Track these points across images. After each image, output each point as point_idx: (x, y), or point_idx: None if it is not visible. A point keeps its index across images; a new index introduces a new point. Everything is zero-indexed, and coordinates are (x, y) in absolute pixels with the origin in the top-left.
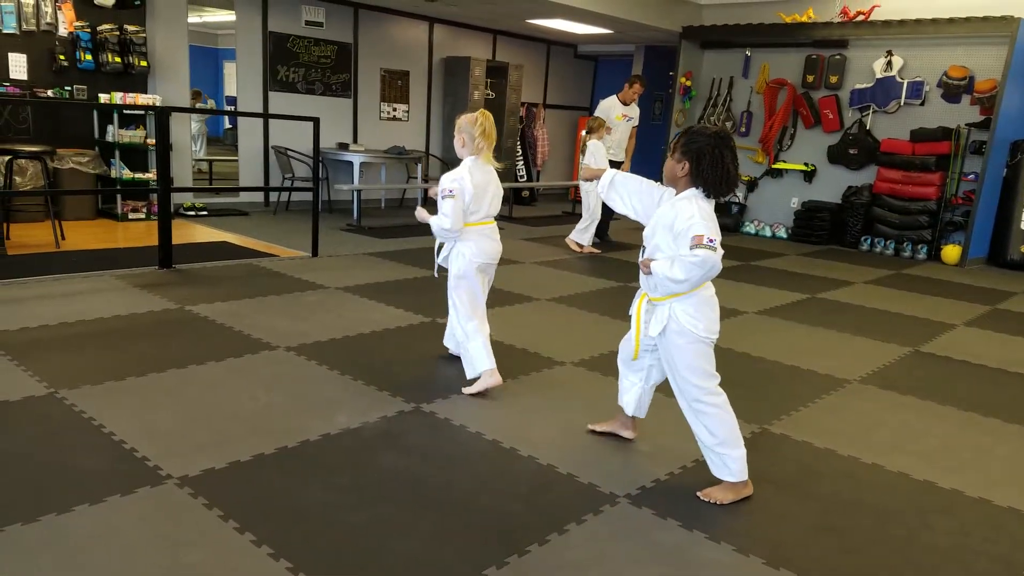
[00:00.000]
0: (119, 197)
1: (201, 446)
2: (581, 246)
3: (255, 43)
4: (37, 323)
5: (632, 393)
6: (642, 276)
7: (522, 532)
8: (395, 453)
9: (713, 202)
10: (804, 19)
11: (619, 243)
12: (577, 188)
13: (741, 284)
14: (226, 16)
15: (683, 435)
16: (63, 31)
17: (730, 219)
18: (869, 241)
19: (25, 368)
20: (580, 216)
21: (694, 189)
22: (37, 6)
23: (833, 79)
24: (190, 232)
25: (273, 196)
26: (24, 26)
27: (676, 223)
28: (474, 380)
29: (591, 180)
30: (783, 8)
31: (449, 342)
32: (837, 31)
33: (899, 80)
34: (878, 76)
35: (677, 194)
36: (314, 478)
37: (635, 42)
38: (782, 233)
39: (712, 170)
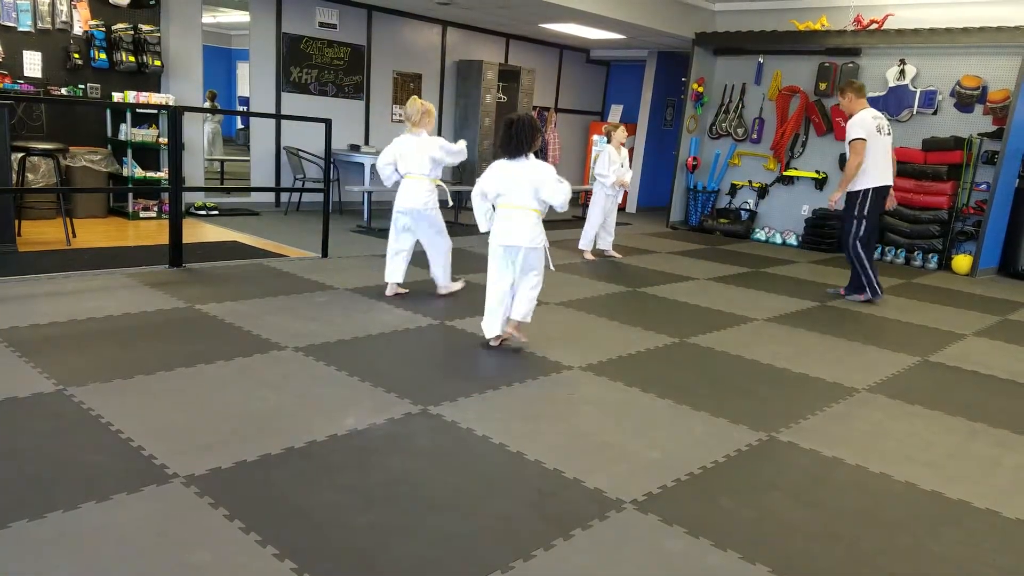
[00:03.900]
0: (131, 196)
1: (208, 445)
2: (602, 252)
3: (269, 44)
4: (47, 320)
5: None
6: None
7: (528, 537)
8: (401, 455)
9: (505, 160)
10: (817, 27)
11: (634, 248)
12: (588, 192)
13: (750, 291)
14: (240, 16)
15: (691, 442)
16: (78, 30)
17: (740, 226)
18: (880, 250)
19: (34, 365)
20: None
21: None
22: (52, 5)
23: None
24: (201, 231)
25: (284, 197)
26: (39, 24)
27: None
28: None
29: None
30: (796, 15)
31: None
32: (850, 39)
33: (912, 89)
34: (891, 85)
35: None
36: (320, 479)
37: (648, 48)
38: (792, 240)
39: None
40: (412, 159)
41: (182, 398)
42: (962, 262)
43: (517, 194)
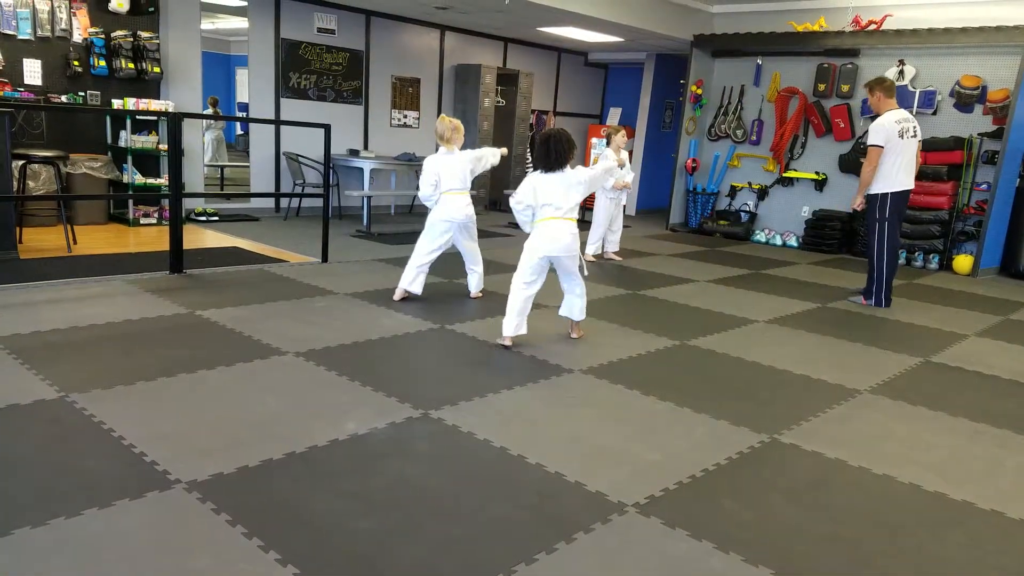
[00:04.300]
0: (131, 202)
1: (210, 451)
2: (603, 254)
3: (267, 50)
4: (48, 327)
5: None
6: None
7: (530, 540)
8: (403, 460)
9: (541, 173)
10: (816, 28)
11: (634, 250)
12: (591, 196)
13: (751, 292)
14: (239, 23)
15: (693, 445)
16: (77, 37)
17: (740, 228)
18: None
19: (36, 372)
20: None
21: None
22: (52, 12)
23: (845, 88)
24: (201, 237)
25: (284, 202)
26: (39, 32)
27: None
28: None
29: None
30: (795, 17)
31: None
32: (849, 40)
33: (911, 89)
34: None
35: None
36: (322, 484)
37: (646, 50)
38: (792, 242)
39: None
40: (451, 176)
41: (184, 404)
42: (963, 262)
43: (556, 206)
